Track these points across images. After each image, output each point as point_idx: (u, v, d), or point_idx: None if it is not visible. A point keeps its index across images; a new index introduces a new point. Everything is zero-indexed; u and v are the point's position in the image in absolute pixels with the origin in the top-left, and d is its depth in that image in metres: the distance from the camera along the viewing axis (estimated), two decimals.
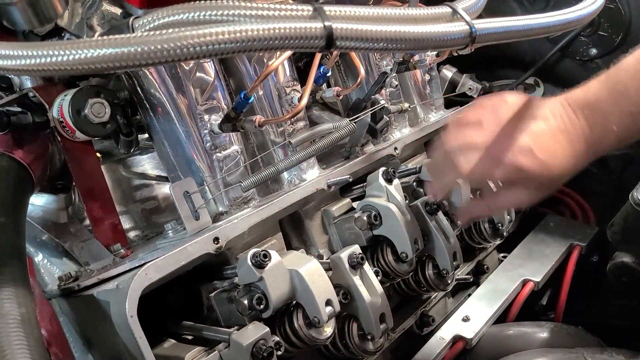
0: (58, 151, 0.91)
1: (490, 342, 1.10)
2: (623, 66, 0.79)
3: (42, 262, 0.93)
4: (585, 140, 0.80)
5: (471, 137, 0.83)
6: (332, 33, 0.58)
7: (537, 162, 0.79)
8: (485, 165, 0.81)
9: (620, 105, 0.77)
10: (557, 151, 0.80)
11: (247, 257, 0.80)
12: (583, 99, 0.80)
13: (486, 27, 0.70)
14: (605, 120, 0.78)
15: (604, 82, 0.80)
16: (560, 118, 0.80)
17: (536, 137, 0.79)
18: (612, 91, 0.78)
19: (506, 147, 0.79)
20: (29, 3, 0.68)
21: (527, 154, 0.79)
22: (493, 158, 0.80)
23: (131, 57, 0.52)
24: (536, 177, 0.79)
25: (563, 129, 0.80)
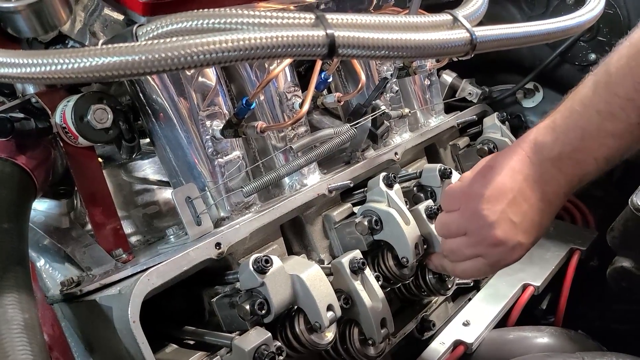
0: (60, 156, 0.91)
1: (491, 346, 1.11)
2: (588, 88, 0.76)
3: (44, 267, 0.94)
4: (565, 193, 0.80)
5: (459, 248, 0.87)
6: (335, 41, 0.59)
7: (526, 248, 0.83)
8: (481, 270, 0.87)
9: (600, 133, 0.74)
10: (541, 224, 0.82)
11: (249, 262, 0.80)
12: (555, 149, 0.78)
13: (486, 35, 0.71)
14: (583, 160, 0.77)
15: (572, 116, 0.77)
16: (538, 186, 0.80)
17: (522, 226, 0.80)
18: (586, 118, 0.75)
19: (500, 252, 0.82)
20: (33, 11, 0.68)
21: (518, 248, 0.82)
22: (490, 265, 0.85)
23: (135, 65, 0.53)
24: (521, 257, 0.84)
25: (543, 199, 0.80)
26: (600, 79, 0.75)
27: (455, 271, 0.94)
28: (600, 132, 0.74)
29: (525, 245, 0.82)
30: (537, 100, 1.61)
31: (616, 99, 0.72)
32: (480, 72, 1.62)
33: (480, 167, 0.87)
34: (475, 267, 0.87)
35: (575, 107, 0.77)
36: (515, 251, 0.82)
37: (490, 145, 1.38)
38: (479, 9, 0.75)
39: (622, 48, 0.73)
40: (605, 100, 0.73)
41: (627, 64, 0.71)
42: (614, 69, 0.73)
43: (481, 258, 0.86)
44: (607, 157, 0.75)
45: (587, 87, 0.77)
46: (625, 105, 0.71)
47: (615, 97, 0.72)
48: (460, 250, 0.88)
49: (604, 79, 0.74)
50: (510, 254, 0.83)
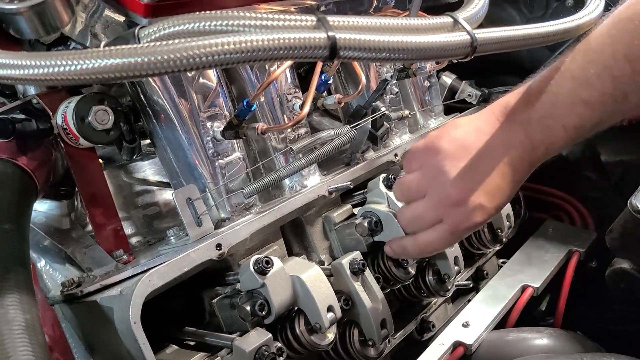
0: (61, 157, 0.91)
1: (490, 347, 1.11)
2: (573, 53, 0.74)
3: (44, 267, 0.94)
4: (530, 161, 0.77)
5: (419, 212, 0.83)
6: (336, 43, 0.59)
7: (488, 212, 0.79)
8: (443, 238, 0.82)
9: (573, 99, 0.72)
10: (503, 188, 0.78)
11: (250, 263, 0.81)
12: (524, 112, 0.76)
13: (487, 37, 0.71)
14: (552, 127, 0.74)
15: (546, 77, 0.75)
16: (503, 148, 0.77)
17: (485, 187, 0.77)
18: (559, 83, 0.73)
19: (460, 213, 0.78)
20: (35, 12, 0.69)
21: (480, 211, 0.78)
22: (451, 231, 0.81)
23: (138, 67, 0.53)
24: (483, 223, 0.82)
25: (508, 162, 0.77)
26: (580, 47, 0.73)
27: (418, 244, 0.86)
28: (573, 98, 0.72)
29: (487, 209, 0.78)
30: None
31: (593, 66, 0.70)
32: (480, 73, 1.62)
33: (446, 125, 0.84)
34: (437, 235, 0.82)
35: (551, 72, 0.75)
36: (476, 213, 0.78)
37: None
38: (480, 12, 0.76)
39: (604, 20, 0.73)
40: (582, 66, 0.71)
41: (608, 32, 0.70)
42: (594, 37, 0.72)
43: (442, 224, 0.81)
44: (576, 127, 0.73)
45: (565, 55, 0.75)
46: (601, 72, 0.69)
47: (592, 64, 0.70)
48: (420, 216, 0.83)
49: (582, 47, 0.73)
50: (470, 215, 0.78)
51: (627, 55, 0.67)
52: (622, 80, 0.68)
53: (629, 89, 0.69)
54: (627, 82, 0.68)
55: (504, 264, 1.37)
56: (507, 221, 1.28)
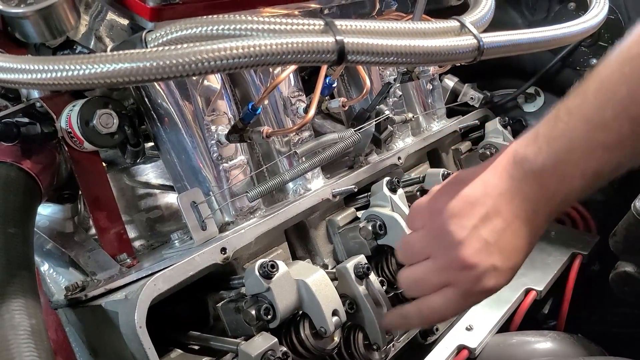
0: (65, 161, 0.91)
1: (494, 351, 1.10)
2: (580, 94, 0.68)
3: (48, 271, 0.94)
4: (546, 213, 0.71)
5: (424, 275, 0.75)
6: (344, 47, 0.59)
7: (504, 276, 0.72)
8: (453, 304, 0.74)
9: (590, 143, 0.65)
10: (519, 246, 0.71)
11: (255, 267, 0.80)
12: (537, 161, 0.69)
13: (494, 41, 0.71)
14: (569, 174, 0.67)
15: (561, 122, 0.68)
16: (516, 203, 0.70)
17: (497, 246, 0.69)
18: (573, 127, 0.67)
19: (471, 278, 0.70)
20: (41, 16, 0.68)
21: (493, 273, 0.70)
22: (462, 296, 0.73)
23: (146, 71, 0.53)
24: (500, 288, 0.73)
25: (521, 217, 0.70)
26: (590, 86, 0.67)
27: (421, 311, 0.78)
28: (590, 142, 0.65)
29: (502, 270, 0.71)
30: (538, 105, 1.62)
31: (608, 107, 0.64)
32: (482, 76, 1.63)
33: (450, 180, 0.78)
34: (445, 300, 0.74)
35: (561, 116, 0.68)
36: (489, 277, 0.70)
37: (492, 149, 1.38)
38: (486, 15, 0.76)
39: (612, 55, 0.67)
40: (596, 107, 0.65)
41: (620, 70, 0.64)
42: (605, 75, 0.66)
43: (450, 287, 0.73)
44: (595, 172, 0.66)
45: (574, 95, 0.69)
46: (618, 114, 0.64)
47: (607, 104, 0.64)
48: (425, 279, 0.76)
49: (593, 86, 0.67)
50: (483, 279, 0.70)
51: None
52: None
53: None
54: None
55: None
56: None
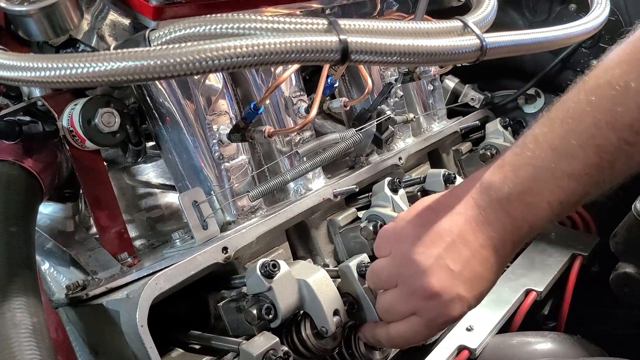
0: (66, 160, 0.91)
1: (494, 351, 1.10)
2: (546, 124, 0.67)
3: (49, 270, 0.93)
4: (512, 241, 0.70)
5: (391, 303, 0.76)
6: (348, 47, 0.59)
7: (468, 304, 0.71)
8: (418, 332, 0.74)
9: (555, 173, 0.65)
10: (484, 276, 0.71)
11: (256, 267, 0.80)
12: (503, 189, 0.68)
13: (496, 41, 0.71)
14: (535, 204, 0.67)
15: (526, 154, 0.67)
16: (481, 231, 0.70)
17: (462, 276, 0.69)
18: (539, 156, 0.66)
19: (436, 306, 0.70)
20: (45, 15, 0.68)
21: (457, 303, 0.70)
22: (427, 325, 0.73)
23: (150, 70, 0.53)
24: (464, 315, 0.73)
25: (487, 246, 0.70)
26: (557, 114, 0.66)
27: (390, 336, 0.78)
28: (555, 171, 0.65)
29: (466, 299, 0.70)
30: (539, 106, 1.62)
31: (573, 135, 0.64)
32: (483, 77, 1.63)
33: (416, 207, 0.77)
34: (411, 328, 0.74)
35: (527, 143, 0.68)
36: (453, 306, 0.70)
37: (493, 150, 1.38)
38: (489, 16, 0.76)
39: (580, 83, 0.66)
40: (561, 136, 0.65)
41: (586, 99, 0.64)
42: (572, 103, 0.65)
43: (416, 317, 0.73)
44: (562, 201, 0.65)
45: (541, 123, 0.68)
46: (583, 142, 0.63)
47: (572, 133, 0.64)
48: (392, 307, 0.76)
49: (560, 115, 0.66)
50: (448, 308, 0.70)
51: (610, 123, 0.62)
52: (608, 150, 0.62)
53: (615, 157, 0.63)
54: (613, 150, 0.62)
55: (507, 268, 1.37)
56: None
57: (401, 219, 0.77)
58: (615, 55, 0.64)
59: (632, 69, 0.61)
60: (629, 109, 0.61)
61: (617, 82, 0.62)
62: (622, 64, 0.63)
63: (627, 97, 0.61)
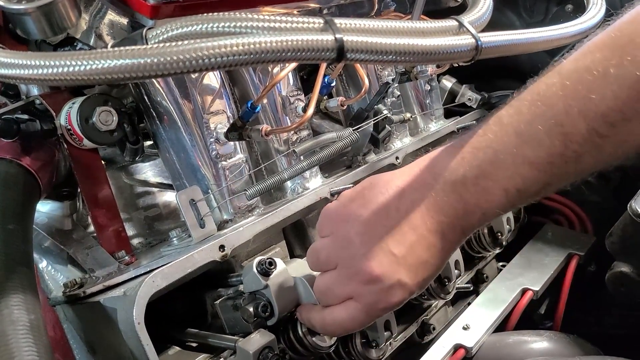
0: (64, 158, 0.91)
1: (491, 350, 1.11)
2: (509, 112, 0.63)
3: (46, 268, 0.94)
4: (462, 227, 0.66)
5: (329, 285, 0.72)
6: (343, 45, 0.60)
7: (409, 290, 0.67)
8: (355, 318, 0.70)
9: (517, 158, 0.60)
10: (429, 262, 0.67)
11: (253, 265, 0.81)
12: (458, 171, 0.64)
13: (491, 40, 0.72)
14: (490, 189, 0.62)
15: (485, 142, 0.63)
16: (430, 214, 0.65)
17: (406, 261, 0.65)
18: (501, 139, 0.61)
19: (375, 292, 0.67)
20: (43, 13, 0.69)
21: (398, 289, 0.67)
22: (365, 310, 0.69)
23: (148, 67, 0.53)
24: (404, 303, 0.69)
25: (435, 231, 0.66)
26: (526, 96, 0.62)
27: (325, 322, 0.75)
28: (517, 157, 0.60)
29: (408, 286, 0.67)
30: None
31: (540, 120, 0.59)
32: (480, 77, 1.63)
33: (363, 185, 0.72)
34: (348, 314, 0.70)
35: (490, 125, 0.63)
36: (394, 292, 0.66)
37: None
38: (484, 15, 0.76)
39: (556, 66, 0.62)
40: (528, 120, 0.60)
41: (560, 82, 0.59)
42: (544, 87, 0.60)
43: (353, 301, 0.69)
44: (519, 189, 0.61)
45: (508, 105, 0.64)
46: (550, 129, 0.58)
47: (539, 118, 0.59)
48: (330, 289, 0.72)
49: (529, 97, 0.61)
50: (388, 294, 0.67)
51: (582, 111, 0.57)
52: (575, 139, 0.58)
53: (583, 149, 0.58)
54: (581, 141, 0.57)
55: (503, 267, 1.38)
56: (507, 224, 1.29)
57: (346, 198, 0.72)
58: (598, 38, 0.59)
59: (613, 54, 0.56)
60: (604, 98, 0.55)
61: (595, 67, 0.56)
62: (604, 49, 0.57)
63: (604, 84, 0.55)
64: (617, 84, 0.55)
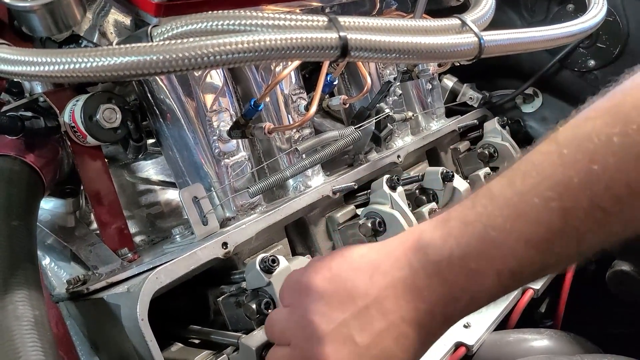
0: (67, 155, 0.92)
1: (492, 348, 1.11)
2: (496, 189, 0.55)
3: (49, 265, 0.94)
4: (444, 315, 0.57)
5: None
6: (347, 43, 0.60)
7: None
8: None
9: (510, 236, 0.52)
10: (398, 355, 0.57)
11: (256, 262, 0.81)
12: (444, 250, 0.55)
13: (494, 39, 0.72)
14: (481, 272, 0.54)
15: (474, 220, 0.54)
16: (407, 299, 0.56)
17: (368, 352, 0.56)
18: (491, 213, 0.53)
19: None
20: (48, 10, 0.69)
21: None
22: None
23: (153, 65, 0.53)
24: None
25: (411, 319, 0.56)
26: (519, 166, 0.55)
27: None
28: (511, 234, 0.52)
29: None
30: (537, 106, 1.63)
31: (537, 192, 0.52)
32: (481, 77, 1.64)
33: (334, 256, 0.63)
34: None
35: (480, 197, 0.55)
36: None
37: (491, 149, 1.39)
38: (487, 14, 0.77)
39: (553, 132, 0.55)
40: (522, 192, 0.52)
41: (558, 151, 0.52)
42: (540, 155, 0.54)
43: None
44: (514, 272, 0.53)
45: (500, 175, 0.56)
46: (547, 203, 0.51)
47: (536, 190, 0.52)
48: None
49: (523, 167, 0.54)
50: None
51: (583, 183, 0.50)
52: (576, 215, 0.50)
53: (586, 227, 0.50)
54: (583, 217, 0.50)
55: None
56: None
57: (313, 267, 0.63)
58: (598, 105, 0.53)
59: (616, 122, 0.49)
60: (607, 169, 0.49)
61: (597, 135, 0.50)
62: (605, 115, 0.51)
63: (607, 153, 0.49)
64: (622, 154, 0.48)
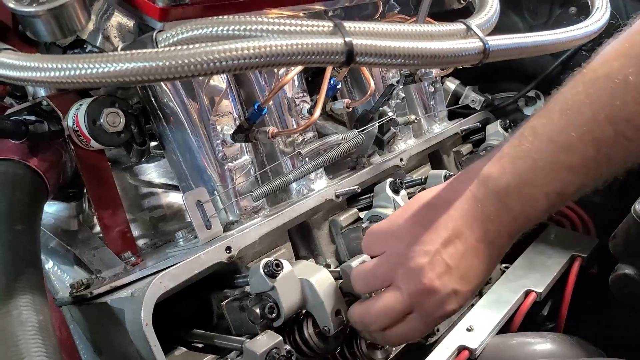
0: (70, 159, 0.91)
1: (494, 352, 1.11)
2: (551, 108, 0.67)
3: (52, 269, 0.94)
4: (509, 233, 0.70)
5: (389, 306, 0.74)
6: (353, 49, 0.60)
7: (464, 297, 0.71)
8: (417, 330, 0.75)
9: (554, 165, 0.65)
10: (480, 269, 0.71)
11: (260, 266, 0.81)
12: (502, 181, 0.68)
13: (499, 44, 0.72)
14: (533, 195, 0.67)
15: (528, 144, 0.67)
16: (478, 224, 0.69)
17: (458, 271, 0.70)
18: (537, 147, 0.66)
19: (433, 302, 0.70)
20: (53, 15, 0.69)
21: (453, 297, 0.70)
22: (424, 321, 0.73)
23: (159, 71, 0.53)
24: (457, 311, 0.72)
25: (484, 239, 0.70)
26: (555, 106, 0.67)
27: (389, 339, 0.79)
28: (554, 164, 0.65)
29: (462, 293, 0.71)
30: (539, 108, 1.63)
31: (573, 128, 0.64)
32: (483, 79, 1.64)
33: (411, 205, 0.76)
34: (410, 327, 0.74)
35: (525, 135, 0.68)
36: (449, 301, 0.70)
37: None
38: (492, 19, 0.77)
39: (578, 75, 0.67)
40: (560, 128, 0.65)
41: (585, 91, 0.64)
42: (571, 96, 0.66)
43: (414, 314, 0.73)
44: (559, 193, 0.66)
45: (539, 115, 0.69)
46: (582, 135, 0.63)
47: (572, 126, 0.64)
48: (391, 310, 0.74)
49: (558, 106, 0.66)
50: (444, 304, 0.70)
51: (609, 117, 0.62)
52: (606, 143, 0.63)
53: (613, 152, 0.63)
54: (611, 144, 0.63)
55: (506, 269, 1.38)
56: None
57: (397, 217, 0.76)
58: (613, 48, 0.65)
59: (630, 63, 0.61)
60: (627, 104, 0.61)
61: (615, 76, 0.62)
62: (620, 57, 0.63)
63: (625, 91, 0.61)
64: (638, 91, 0.60)
